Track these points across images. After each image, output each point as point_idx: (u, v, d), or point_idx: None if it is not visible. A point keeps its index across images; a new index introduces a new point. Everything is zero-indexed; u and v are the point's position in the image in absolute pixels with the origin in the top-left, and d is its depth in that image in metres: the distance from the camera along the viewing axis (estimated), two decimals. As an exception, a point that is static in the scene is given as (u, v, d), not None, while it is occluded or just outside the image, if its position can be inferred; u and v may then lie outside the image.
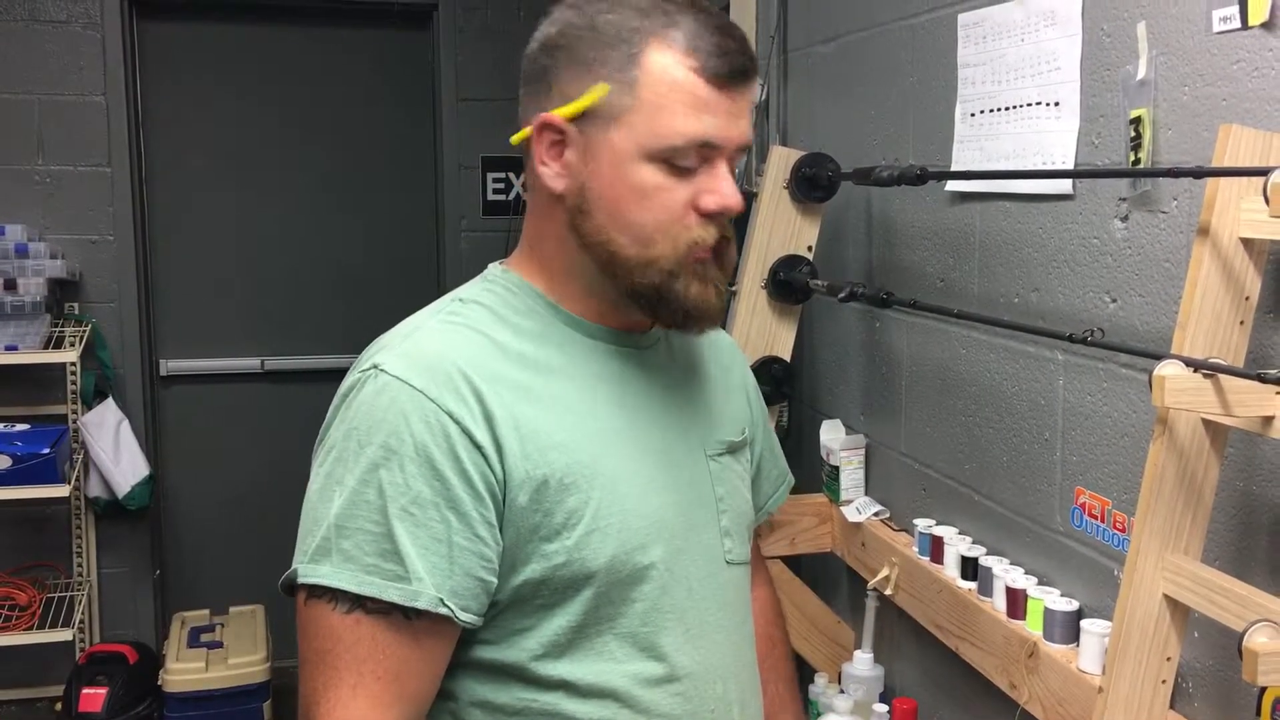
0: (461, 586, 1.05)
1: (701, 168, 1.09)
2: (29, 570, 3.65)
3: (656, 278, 1.10)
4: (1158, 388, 1.16)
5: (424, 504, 1.05)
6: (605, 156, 1.09)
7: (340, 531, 1.06)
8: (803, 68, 2.48)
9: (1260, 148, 1.21)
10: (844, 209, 2.25)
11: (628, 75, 1.07)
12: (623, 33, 1.08)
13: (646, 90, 1.07)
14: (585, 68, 1.09)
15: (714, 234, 1.11)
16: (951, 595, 1.80)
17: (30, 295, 3.40)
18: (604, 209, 1.10)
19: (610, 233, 1.11)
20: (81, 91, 3.72)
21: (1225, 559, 1.33)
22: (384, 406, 1.07)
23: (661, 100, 1.07)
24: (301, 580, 1.07)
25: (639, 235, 1.10)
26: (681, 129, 1.07)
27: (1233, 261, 1.22)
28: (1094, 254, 1.55)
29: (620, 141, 1.08)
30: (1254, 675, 1.02)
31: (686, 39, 1.07)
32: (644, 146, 1.08)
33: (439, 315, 1.17)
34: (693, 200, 1.09)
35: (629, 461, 1.15)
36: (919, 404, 2.03)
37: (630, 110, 1.08)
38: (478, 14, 4.08)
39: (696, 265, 1.11)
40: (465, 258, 4.11)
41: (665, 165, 1.08)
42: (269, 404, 4.16)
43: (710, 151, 1.09)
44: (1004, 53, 1.72)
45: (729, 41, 1.08)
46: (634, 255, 1.10)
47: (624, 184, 1.09)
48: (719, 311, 1.15)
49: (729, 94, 1.08)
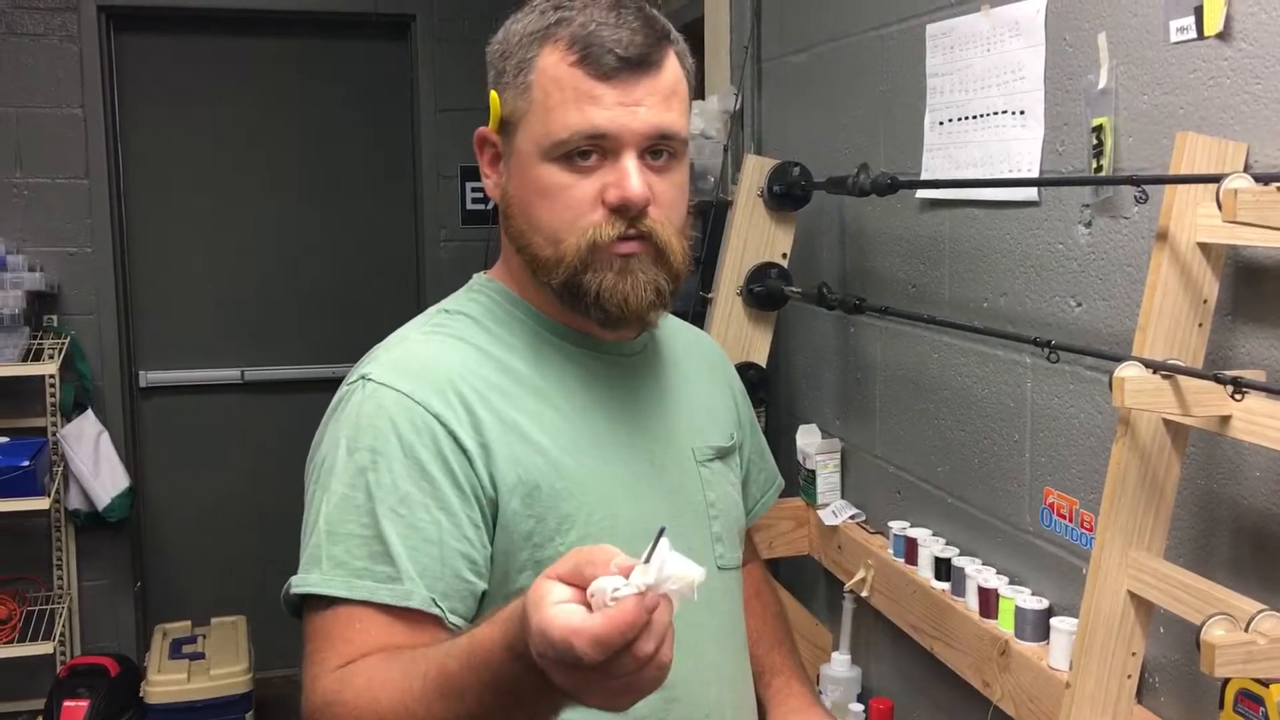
0: (452, 589, 1.06)
1: (607, 162, 1.09)
2: (9, 583, 3.64)
3: (565, 274, 1.11)
4: (1118, 389, 1.19)
5: (413, 504, 1.05)
6: (515, 161, 1.13)
7: (330, 538, 1.06)
8: (776, 77, 2.51)
9: (1215, 155, 1.24)
10: (817, 216, 2.27)
11: (523, 80, 1.11)
12: (522, 40, 1.12)
13: (537, 91, 1.10)
14: (499, 79, 1.14)
15: (620, 227, 1.09)
16: (926, 596, 1.82)
17: (8, 308, 3.40)
18: (519, 212, 1.14)
19: (528, 235, 1.13)
20: (59, 104, 3.72)
21: (1187, 555, 1.36)
22: (371, 412, 1.09)
23: (548, 99, 1.09)
24: (295, 590, 1.07)
25: (549, 234, 1.11)
26: (568, 123, 1.08)
27: (1191, 265, 1.25)
28: (1059, 259, 1.58)
29: (523, 145, 1.11)
30: (1211, 667, 1.05)
31: (572, 35, 1.09)
32: (540, 146, 1.09)
33: (425, 327, 1.19)
34: (599, 194, 1.09)
35: (619, 468, 1.16)
36: (893, 408, 2.06)
37: (527, 114, 1.10)
38: (455, 24, 4.10)
39: (615, 260, 1.10)
40: (444, 267, 4.12)
41: (564, 162, 1.09)
42: (249, 414, 4.16)
43: (609, 143, 1.08)
44: (971, 62, 1.76)
45: (620, 32, 1.08)
46: (548, 255, 1.12)
47: (530, 185, 1.11)
48: (645, 305, 1.12)
49: (618, 84, 1.08)
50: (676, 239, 1.14)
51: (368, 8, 4.07)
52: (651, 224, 1.11)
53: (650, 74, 1.10)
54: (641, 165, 1.10)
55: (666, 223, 1.12)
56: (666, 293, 1.14)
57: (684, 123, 1.14)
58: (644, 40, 1.09)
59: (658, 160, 1.11)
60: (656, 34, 1.11)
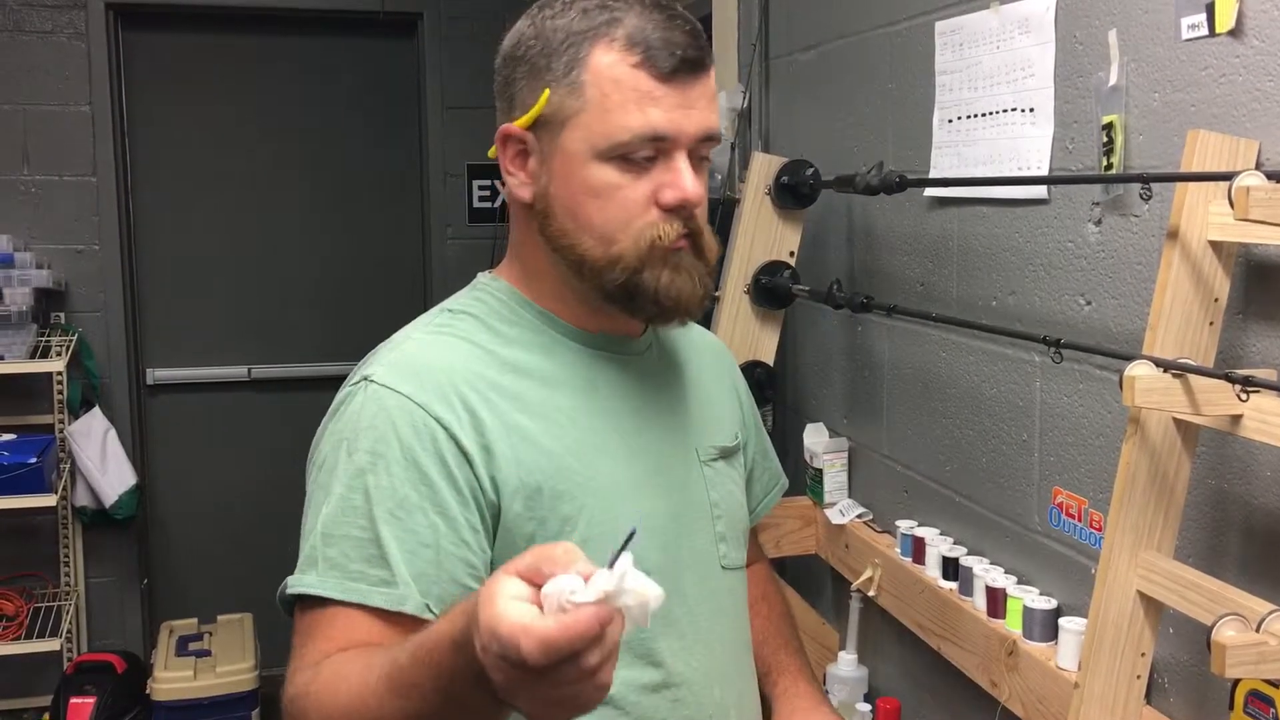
0: (448, 594, 1.05)
1: (659, 162, 1.10)
2: (16, 580, 3.65)
3: (622, 275, 1.11)
4: (1128, 388, 1.19)
5: (410, 508, 1.05)
6: (560, 160, 1.11)
7: (327, 539, 1.06)
8: (784, 75, 2.51)
9: (1227, 152, 1.23)
10: (825, 214, 2.27)
11: (574, 78, 1.09)
12: (568, 37, 1.10)
13: (592, 90, 1.08)
14: (536, 76, 1.11)
15: (678, 228, 1.11)
16: (933, 595, 1.82)
17: (16, 305, 3.41)
18: (565, 212, 1.12)
19: (574, 235, 1.12)
20: (67, 101, 3.73)
21: (1197, 555, 1.35)
22: (371, 414, 1.08)
23: (607, 99, 1.08)
24: (290, 591, 1.07)
25: (601, 235, 1.10)
26: (629, 125, 1.07)
27: (1202, 264, 1.24)
28: (1069, 257, 1.57)
29: (573, 144, 1.10)
30: (1222, 668, 1.04)
31: (629, 35, 1.08)
32: (595, 146, 1.09)
33: (428, 326, 1.18)
34: (653, 195, 1.10)
35: (621, 468, 1.16)
36: (900, 407, 2.05)
37: (579, 112, 1.09)
38: (462, 23, 4.10)
39: (668, 256, 1.11)
40: (451, 265, 4.12)
41: (619, 163, 1.09)
42: (256, 412, 4.17)
43: (664, 145, 1.09)
44: (980, 60, 1.75)
45: (674, 34, 1.09)
46: (599, 255, 1.11)
47: (581, 185, 1.10)
48: (697, 300, 1.14)
49: (676, 86, 1.08)
50: (710, 235, 1.16)
51: (375, 6, 4.07)
52: (698, 222, 1.13)
53: (702, 76, 1.11)
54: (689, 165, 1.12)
55: (704, 220, 1.15)
56: (709, 287, 1.17)
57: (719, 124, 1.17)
58: (697, 42, 1.11)
59: (697, 160, 1.13)
60: (701, 35, 1.13)
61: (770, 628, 1.45)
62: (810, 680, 1.43)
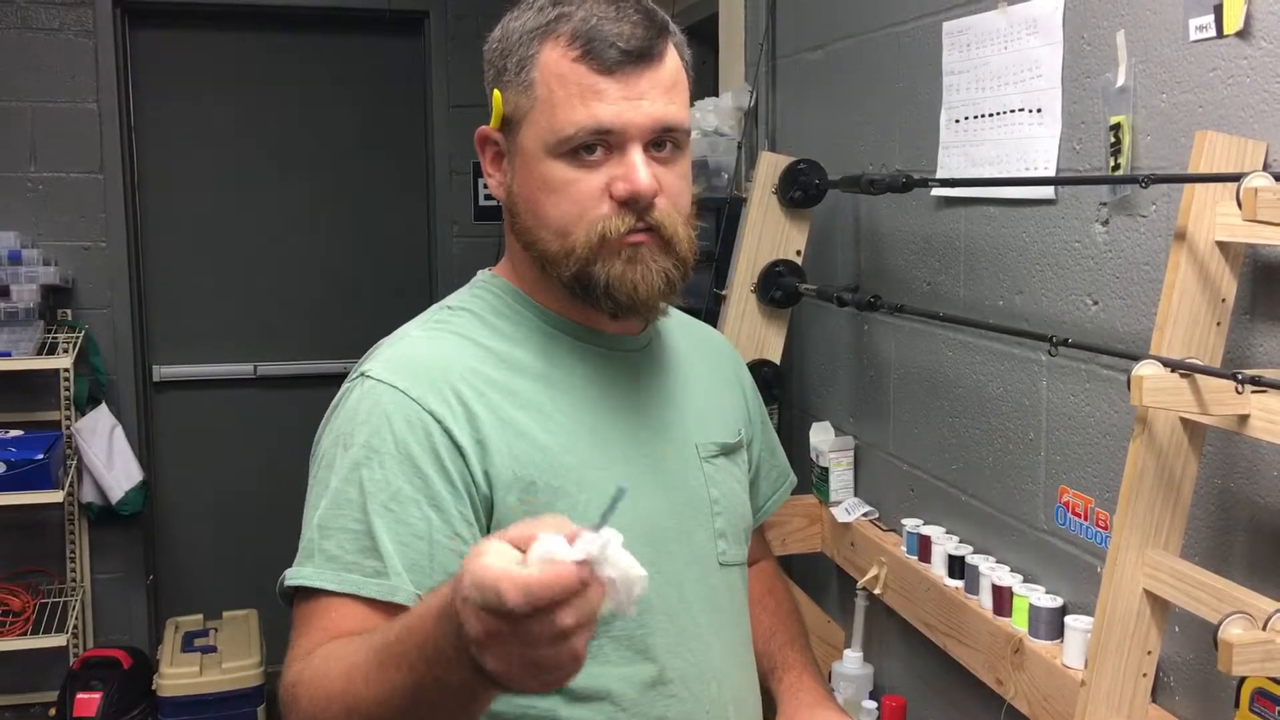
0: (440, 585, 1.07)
1: (613, 155, 1.10)
2: (23, 576, 3.66)
3: (575, 267, 1.11)
4: (1136, 387, 1.19)
5: (404, 500, 1.06)
6: (520, 159, 1.13)
7: (323, 532, 1.08)
8: (791, 74, 2.51)
9: (1235, 153, 1.24)
10: (832, 214, 2.27)
11: (524, 77, 1.11)
12: (521, 37, 1.12)
13: (541, 88, 1.10)
14: (499, 77, 1.14)
15: (629, 221, 1.10)
16: (939, 594, 1.82)
17: (23, 302, 3.42)
18: (526, 209, 1.14)
19: (535, 231, 1.14)
20: (74, 98, 3.74)
21: (1204, 554, 1.35)
22: (368, 409, 1.10)
23: (552, 95, 1.09)
24: (288, 583, 1.09)
25: (556, 229, 1.12)
26: (574, 120, 1.08)
27: (1209, 264, 1.25)
28: (1076, 257, 1.58)
29: (527, 142, 1.12)
30: (1229, 666, 1.05)
31: (573, 30, 1.09)
32: (546, 143, 1.10)
33: (426, 323, 1.20)
34: (606, 188, 1.10)
35: (618, 464, 1.16)
36: (907, 406, 2.06)
37: (531, 110, 1.11)
38: (469, 21, 4.10)
39: (625, 249, 1.11)
40: (457, 263, 4.13)
41: (570, 157, 1.10)
42: (262, 409, 4.18)
43: (613, 139, 1.09)
44: (987, 60, 1.75)
45: (620, 25, 1.09)
46: (556, 249, 1.12)
47: (536, 182, 1.12)
48: (656, 293, 1.13)
49: (620, 79, 1.08)
50: (683, 228, 1.15)
51: (382, 4, 4.08)
52: (659, 215, 1.12)
53: (652, 66, 1.10)
54: (647, 157, 1.10)
55: (673, 213, 1.13)
56: (676, 280, 1.15)
57: (686, 114, 1.15)
58: (644, 33, 1.10)
59: (661, 151, 1.12)
60: (656, 26, 1.12)
61: (776, 623, 1.46)
62: (816, 676, 1.43)
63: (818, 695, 1.40)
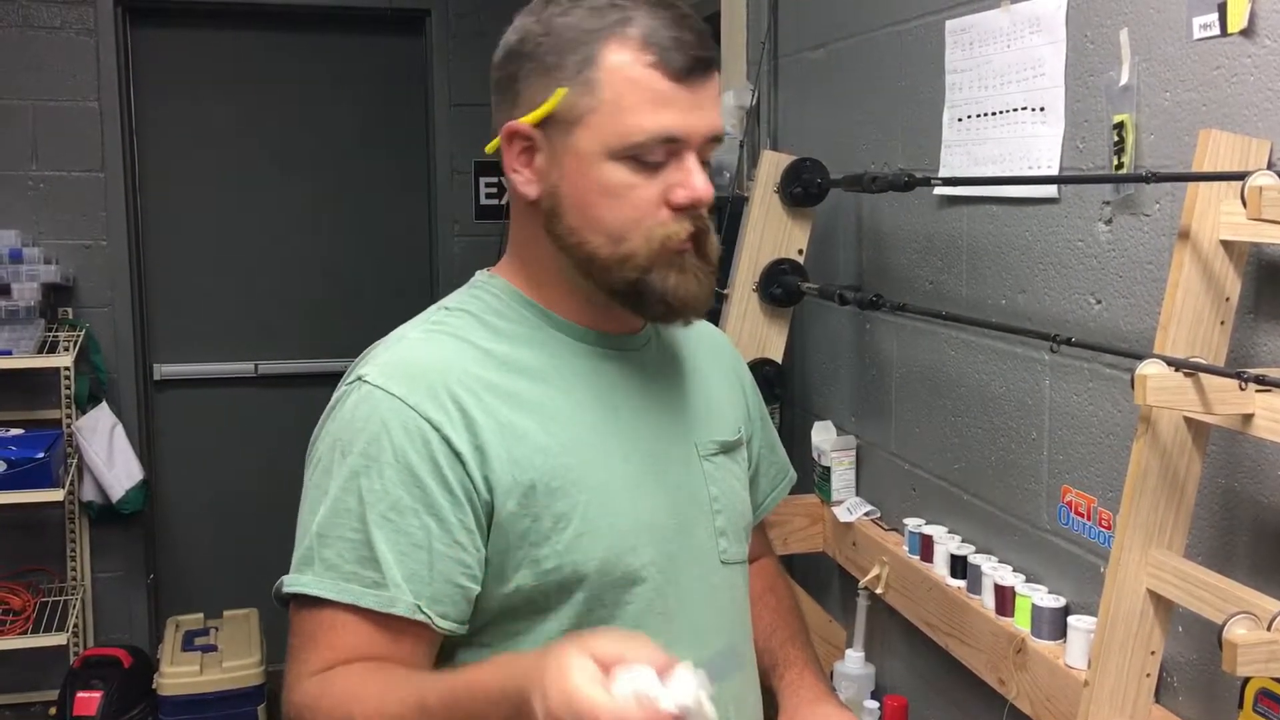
0: (441, 593, 1.07)
1: (670, 162, 1.10)
2: (23, 575, 3.66)
3: (633, 274, 1.11)
4: (1140, 387, 1.19)
5: (403, 510, 1.06)
6: (571, 159, 1.11)
7: (322, 540, 1.08)
8: (793, 73, 2.51)
9: (1239, 152, 1.23)
10: (834, 212, 2.27)
11: (587, 77, 1.08)
12: (579, 35, 1.09)
13: (606, 90, 1.08)
14: (546, 73, 1.11)
15: (687, 227, 1.11)
16: (941, 593, 1.82)
17: (24, 300, 3.42)
18: (574, 210, 1.12)
19: (583, 233, 1.12)
20: (76, 97, 3.73)
21: (1208, 554, 1.35)
22: (365, 415, 1.09)
23: (621, 99, 1.08)
24: (286, 589, 1.09)
25: (611, 233, 1.10)
26: (644, 125, 1.08)
27: (1213, 263, 1.24)
28: (1079, 256, 1.57)
29: (585, 143, 1.09)
30: (1233, 666, 1.04)
31: (643, 35, 1.08)
32: (609, 146, 1.08)
33: (423, 325, 1.19)
34: (663, 195, 1.10)
35: (618, 464, 1.16)
36: (909, 405, 2.05)
37: (592, 111, 1.09)
38: (470, 20, 4.10)
39: (674, 257, 1.12)
40: (458, 262, 4.13)
41: (632, 162, 1.09)
42: (262, 408, 4.17)
43: (676, 145, 1.09)
44: (990, 59, 1.75)
45: (686, 34, 1.09)
46: (609, 254, 1.11)
47: (592, 184, 1.10)
48: (702, 300, 1.15)
49: (689, 87, 1.09)
50: (713, 235, 1.17)
51: (383, 3, 4.07)
52: (704, 222, 1.14)
53: (710, 76, 1.12)
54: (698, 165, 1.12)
55: (709, 220, 1.16)
56: (711, 286, 1.18)
57: None
58: (706, 41, 1.11)
59: (702, 161, 1.14)
60: (709, 34, 1.13)
61: (777, 619, 1.45)
62: (817, 673, 1.43)
63: (819, 691, 1.40)
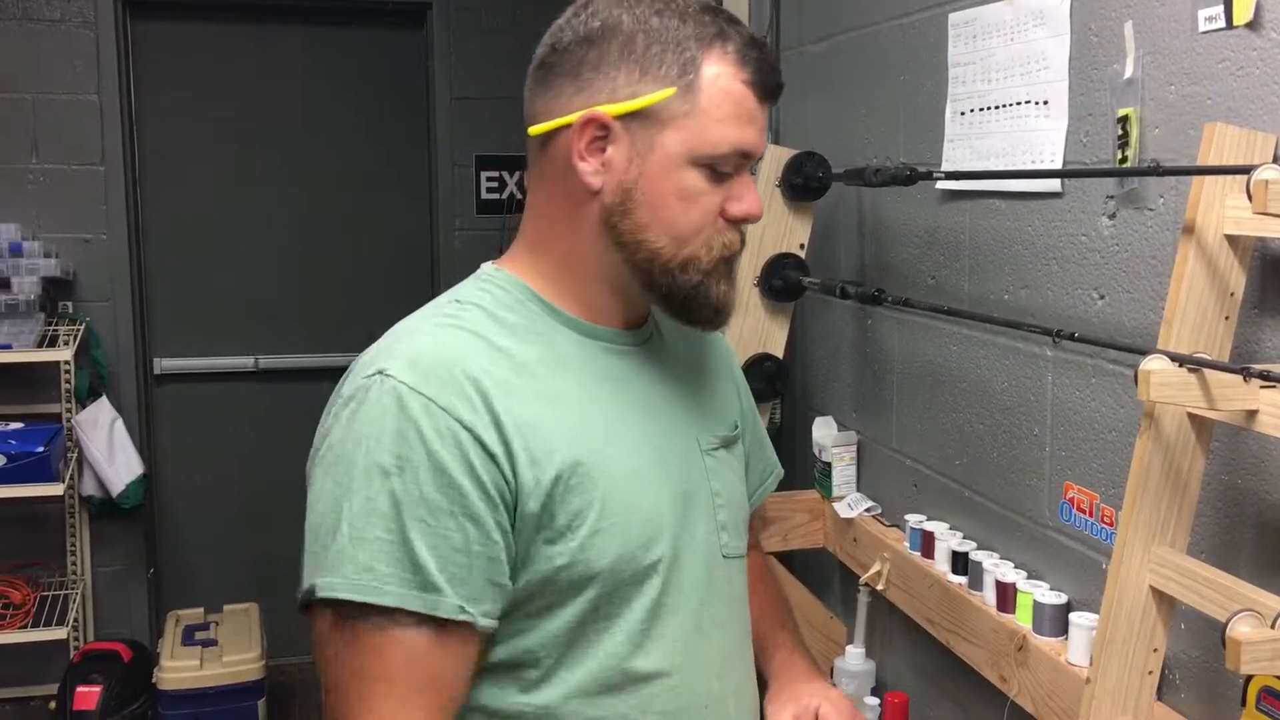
0: (480, 593, 1.06)
1: (733, 175, 1.13)
2: (23, 569, 3.65)
3: (696, 277, 1.14)
4: (1143, 382, 1.18)
5: (440, 513, 1.04)
6: (654, 157, 1.11)
7: (355, 543, 1.04)
8: (795, 66, 2.50)
9: (1244, 146, 1.22)
10: (836, 207, 2.26)
11: (688, 81, 1.10)
12: (682, 38, 1.10)
13: (704, 98, 1.10)
14: (643, 68, 1.10)
15: (739, 239, 1.16)
16: (942, 590, 1.81)
17: (24, 294, 3.41)
18: (647, 209, 1.12)
19: (650, 232, 1.12)
20: (75, 90, 3.72)
21: (1210, 551, 1.34)
22: (395, 415, 1.06)
23: (716, 109, 1.10)
24: (320, 595, 1.05)
25: (677, 235, 1.12)
26: (730, 137, 1.10)
27: (1218, 258, 1.23)
28: (1082, 251, 1.57)
29: (671, 144, 1.10)
30: (1237, 664, 1.04)
31: (740, 52, 1.11)
32: (693, 151, 1.10)
33: (437, 318, 1.17)
34: (722, 205, 1.13)
35: (628, 459, 1.15)
36: (910, 401, 2.05)
37: (686, 115, 1.10)
38: (471, 13, 4.09)
39: (725, 265, 1.16)
40: (459, 256, 4.12)
41: (708, 171, 1.11)
42: (263, 402, 4.17)
43: (743, 161, 1.13)
44: (994, 52, 1.74)
45: (767, 56, 1.14)
46: (671, 255, 1.13)
47: (670, 186, 1.11)
48: (733, 309, 1.20)
49: (764, 108, 1.14)
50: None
51: (384, -4, 4.06)
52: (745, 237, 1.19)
53: None
54: None
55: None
56: None
57: None
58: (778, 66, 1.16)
59: None
60: None
61: (767, 606, 1.46)
62: (805, 655, 1.44)
63: (807, 671, 1.41)
